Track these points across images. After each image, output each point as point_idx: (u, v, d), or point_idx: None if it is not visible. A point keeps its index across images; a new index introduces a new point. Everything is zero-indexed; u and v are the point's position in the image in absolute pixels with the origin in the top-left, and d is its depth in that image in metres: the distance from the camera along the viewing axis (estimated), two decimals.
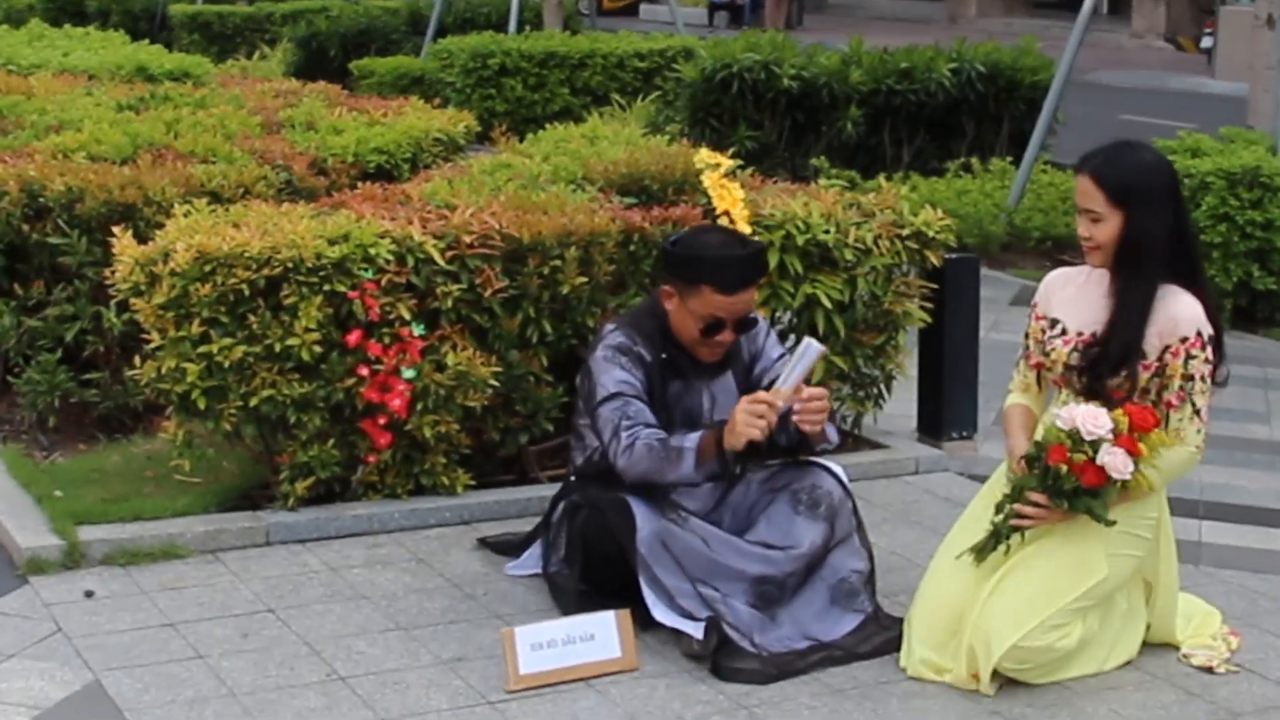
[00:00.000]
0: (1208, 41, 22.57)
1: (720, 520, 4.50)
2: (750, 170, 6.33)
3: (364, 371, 4.95)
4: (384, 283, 4.95)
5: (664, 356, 4.50)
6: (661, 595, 4.28)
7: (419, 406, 5.03)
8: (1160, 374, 4.15)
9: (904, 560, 4.99)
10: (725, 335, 4.48)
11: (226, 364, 4.85)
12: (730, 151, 6.16)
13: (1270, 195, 8.32)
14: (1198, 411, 4.16)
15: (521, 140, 6.86)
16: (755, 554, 4.37)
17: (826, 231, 5.61)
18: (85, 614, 4.48)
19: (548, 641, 4.14)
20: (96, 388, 5.84)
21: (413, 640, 4.37)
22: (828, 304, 5.60)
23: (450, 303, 5.05)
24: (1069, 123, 11.66)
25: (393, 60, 15.25)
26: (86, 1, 19.89)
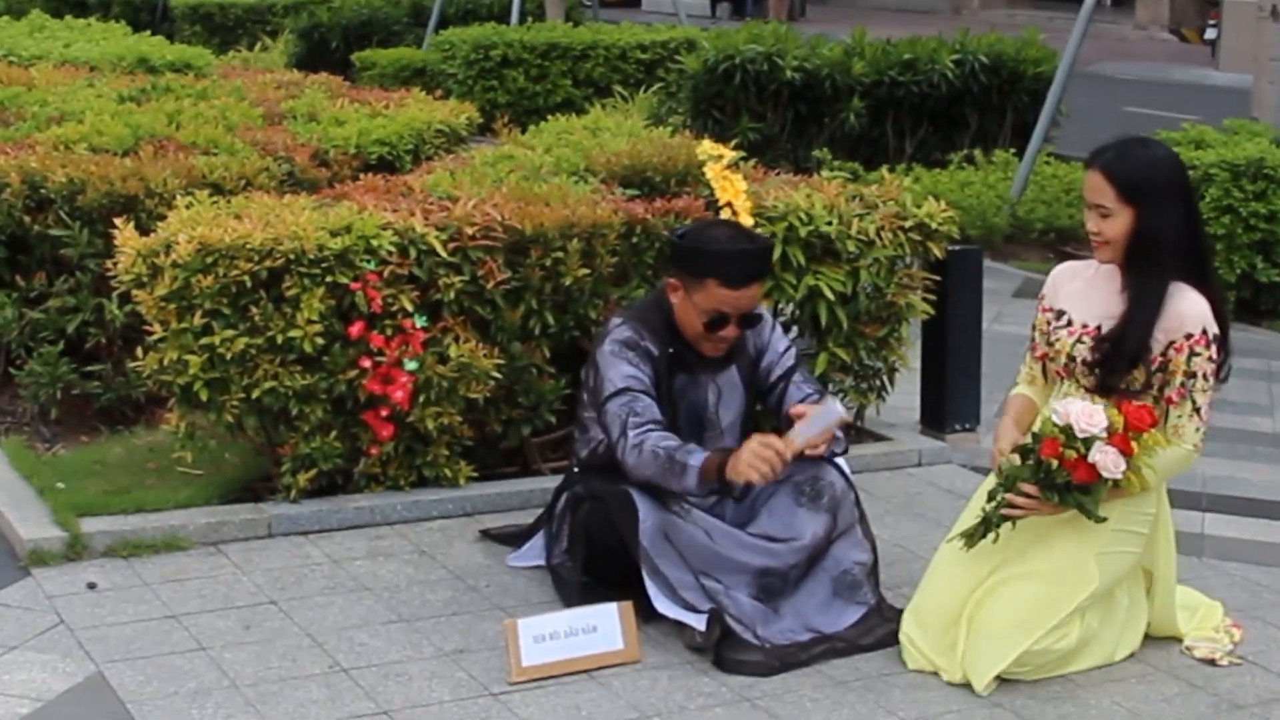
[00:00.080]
0: (1212, 33, 22.54)
1: (722, 512, 4.49)
2: (753, 162, 6.32)
3: (366, 363, 4.94)
4: (386, 274, 4.94)
5: (671, 351, 4.49)
6: (664, 587, 4.28)
7: (421, 398, 5.02)
8: (1163, 370, 4.13)
9: (907, 552, 4.98)
10: (729, 330, 4.47)
11: (229, 356, 4.85)
12: (733, 143, 6.16)
13: (1274, 187, 8.31)
14: (1198, 410, 4.15)
15: (524, 132, 6.85)
16: (758, 546, 4.37)
17: (829, 223, 5.60)
18: (87, 606, 4.48)
19: (550, 633, 4.14)
20: (98, 379, 5.84)
21: (415, 632, 4.37)
22: (830, 296, 5.59)
23: (452, 294, 5.05)
24: (1072, 114, 11.65)
25: (395, 52, 15.23)
26: None
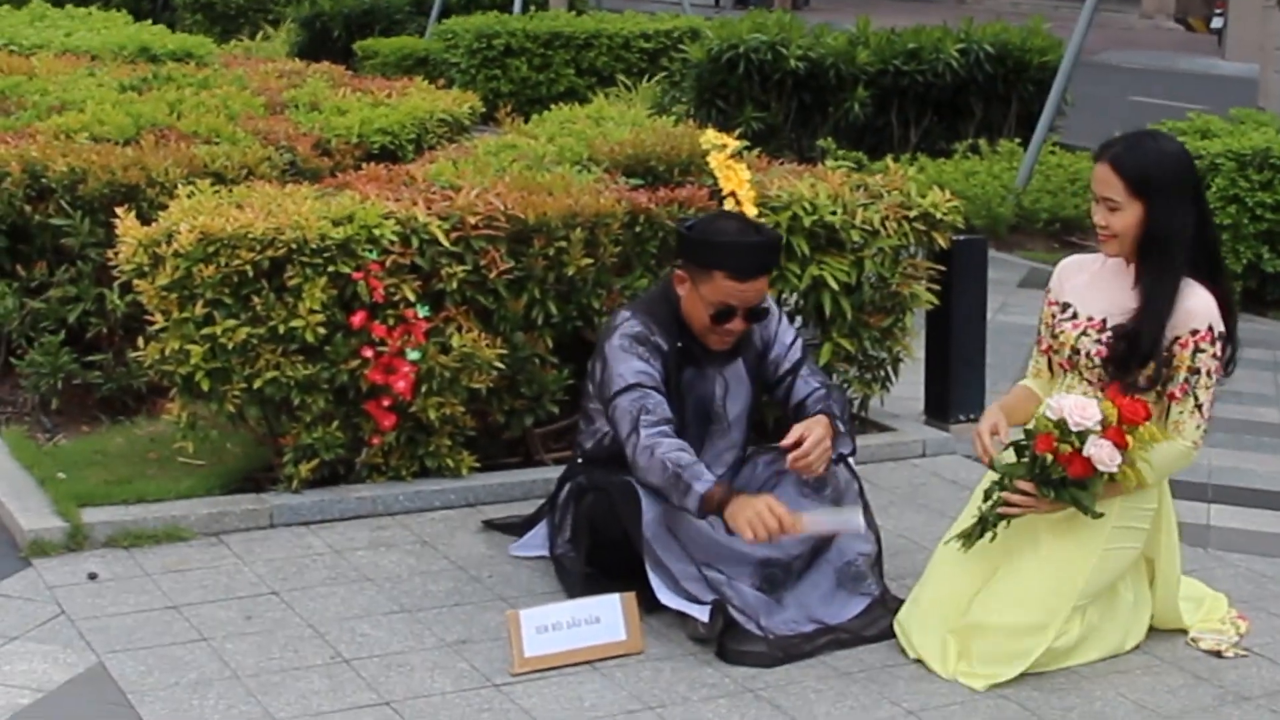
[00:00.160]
0: (1218, 22, 22.53)
1: None
2: (757, 151, 6.30)
3: (368, 353, 4.93)
4: (388, 264, 4.93)
5: (679, 345, 4.47)
6: (666, 579, 4.26)
7: (424, 388, 5.01)
8: (1167, 365, 4.11)
9: (911, 543, 4.97)
10: (735, 324, 4.44)
11: (230, 346, 4.83)
12: (736, 132, 6.15)
13: None
14: (1199, 406, 4.12)
15: (526, 121, 6.83)
16: None
17: (833, 213, 5.58)
18: (88, 596, 4.46)
19: (553, 624, 4.13)
20: (99, 369, 5.83)
21: (417, 623, 4.36)
22: (835, 286, 5.58)
23: (455, 284, 5.03)
24: (1078, 104, 11.64)
25: (397, 41, 15.21)
26: None
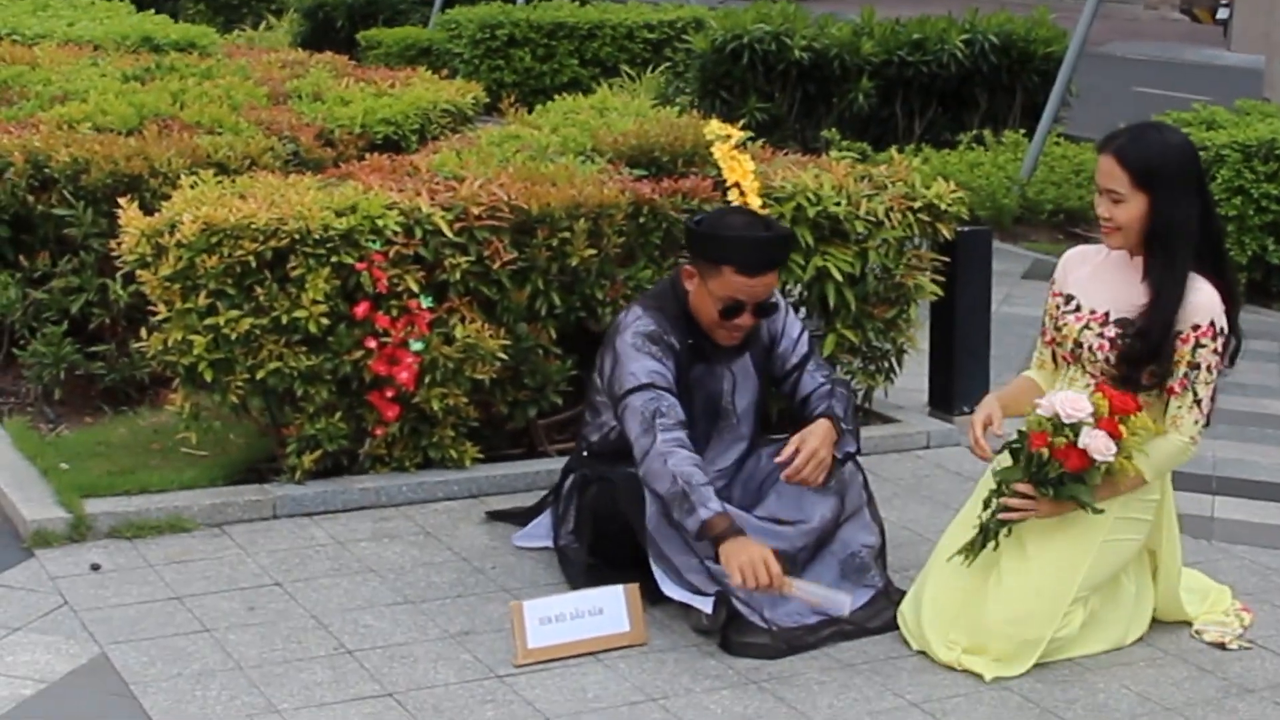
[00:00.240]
0: (1224, 13, 22.46)
1: (730, 495, 4.48)
2: (761, 142, 6.30)
3: (371, 344, 4.92)
4: (392, 254, 4.92)
5: (690, 342, 4.45)
6: (669, 571, 4.25)
7: (427, 379, 5.00)
8: (1167, 359, 4.09)
9: (914, 535, 4.96)
10: (744, 319, 4.42)
11: (233, 336, 4.83)
12: (741, 123, 6.12)
13: None
14: (1198, 401, 4.10)
15: (530, 112, 6.81)
16: (765, 528, 4.34)
17: (837, 204, 5.57)
18: (91, 587, 4.46)
19: (556, 615, 4.12)
20: (102, 360, 5.82)
21: (420, 614, 4.36)
22: (839, 277, 5.57)
23: (458, 275, 5.03)
24: (1083, 95, 11.62)
25: (400, 31, 15.19)
26: None
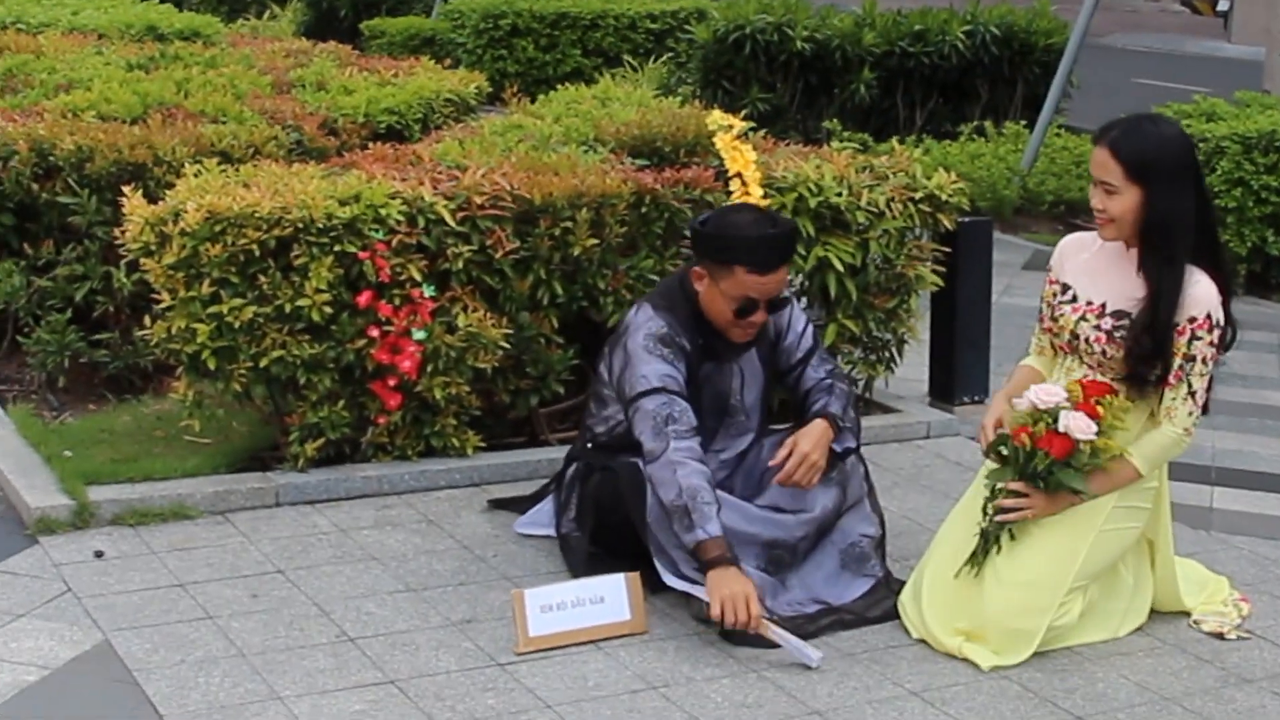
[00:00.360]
0: (1224, 5, 22.44)
1: (733, 485, 4.49)
2: (762, 132, 6.30)
3: (374, 333, 4.94)
4: (395, 244, 4.93)
5: (700, 342, 4.45)
6: (669, 565, 4.26)
7: (429, 368, 5.02)
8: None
9: (914, 525, 4.98)
10: (758, 315, 4.42)
11: (236, 324, 4.84)
12: (742, 113, 6.15)
13: None
14: (1192, 393, 4.11)
15: (533, 101, 6.82)
16: (766, 518, 4.36)
17: (839, 194, 5.59)
18: (95, 574, 4.48)
19: (557, 604, 4.14)
20: (106, 348, 5.84)
21: (422, 602, 4.37)
22: (840, 267, 5.58)
23: (461, 264, 5.04)
24: (1083, 86, 11.62)
25: (404, 20, 15.19)
26: None
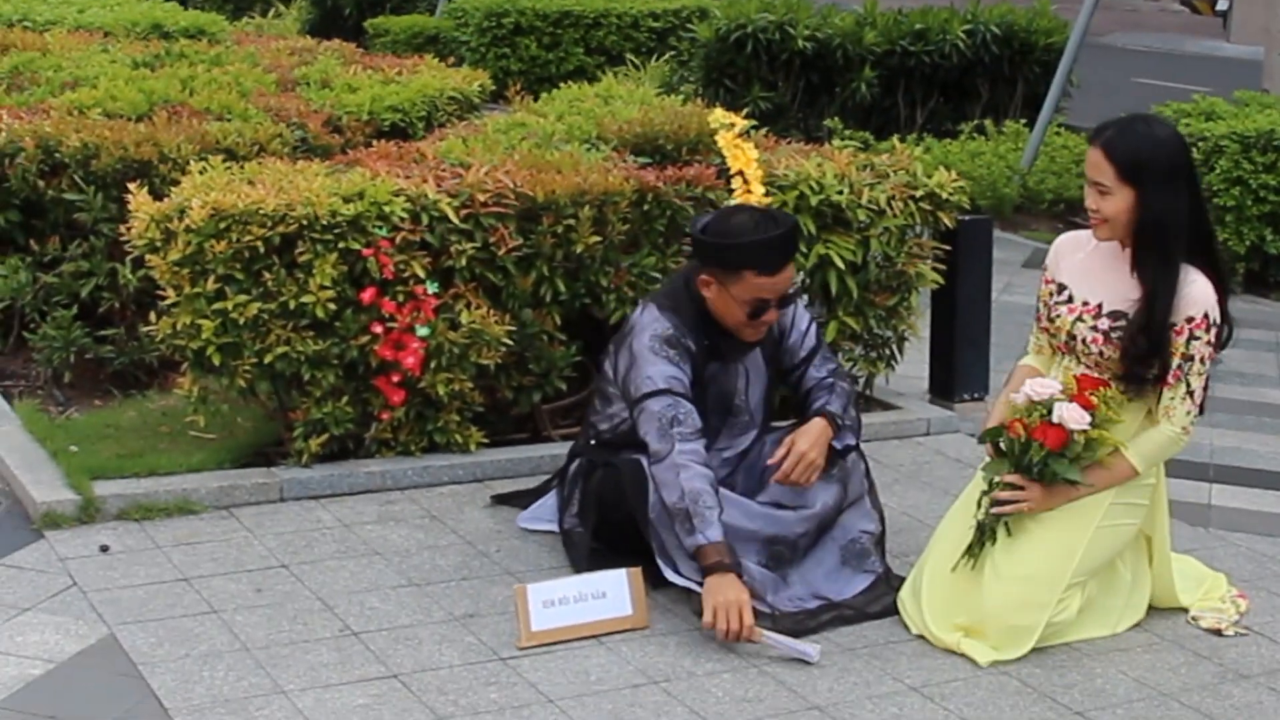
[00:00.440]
0: (1223, 4, 22.42)
1: (734, 482, 4.52)
2: (764, 131, 6.32)
3: (378, 329, 4.96)
4: (398, 241, 4.95)
5: (705, 343, 4.47)
6: (669, 563, 4.28)
7: (433, 364, 5.04)
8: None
9: (914, 521, 5.00)
10: (770, 314, 4.44)
11: (241, 321, 4.86)
12: (744, 112, 6.16)
13: None
14: (1190, 393, 4.12)
15: (536, 99, 6.84)
16: (767, 514, 4.38)
17: (840, 192, 5.61)
18: (100, 568, 4.50)
19: (560, 599, 4.16)
20: (112, 344, 5.86)
21: (425, 596, 4.40)
22: (840, 265, 5.60)
23: (464, 261, 5.06)
24: (1083, 85, 11.63)
25: (408, 19, 15.18)
26: None
